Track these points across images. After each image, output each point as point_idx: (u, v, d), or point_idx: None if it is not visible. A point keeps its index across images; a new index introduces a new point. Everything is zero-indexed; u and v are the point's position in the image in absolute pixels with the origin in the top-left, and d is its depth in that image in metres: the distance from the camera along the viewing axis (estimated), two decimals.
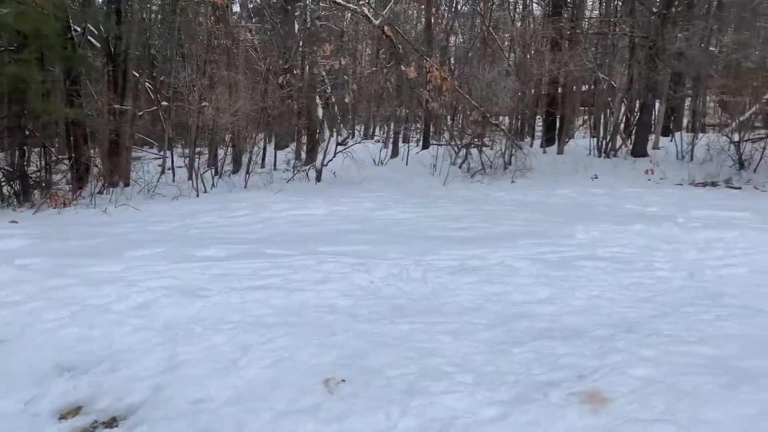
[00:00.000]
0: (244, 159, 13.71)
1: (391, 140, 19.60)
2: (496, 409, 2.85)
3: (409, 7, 25.55)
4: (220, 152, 14.80)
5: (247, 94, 13.02)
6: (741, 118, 14.12)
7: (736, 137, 13.44)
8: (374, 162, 15.93)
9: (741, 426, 2.57)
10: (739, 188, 11.61)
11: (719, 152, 13.40)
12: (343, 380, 3.14)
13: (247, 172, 12.80)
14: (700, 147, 14.25)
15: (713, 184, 11.98)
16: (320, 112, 16.08)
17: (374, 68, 21.45)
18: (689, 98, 19.84)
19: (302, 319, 4.05)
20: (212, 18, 15.98)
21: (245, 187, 12.18)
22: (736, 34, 16.93)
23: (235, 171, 14.26)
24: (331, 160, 13.44)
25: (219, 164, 13.89)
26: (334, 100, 18.26)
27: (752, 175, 12.56)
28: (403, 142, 18.82)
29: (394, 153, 17.77)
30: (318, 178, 13.13)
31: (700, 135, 15.46)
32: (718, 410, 2.69)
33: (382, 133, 26.00)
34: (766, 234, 6.69)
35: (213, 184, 12.35)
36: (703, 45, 15.56)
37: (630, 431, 2.60)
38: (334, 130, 16.21)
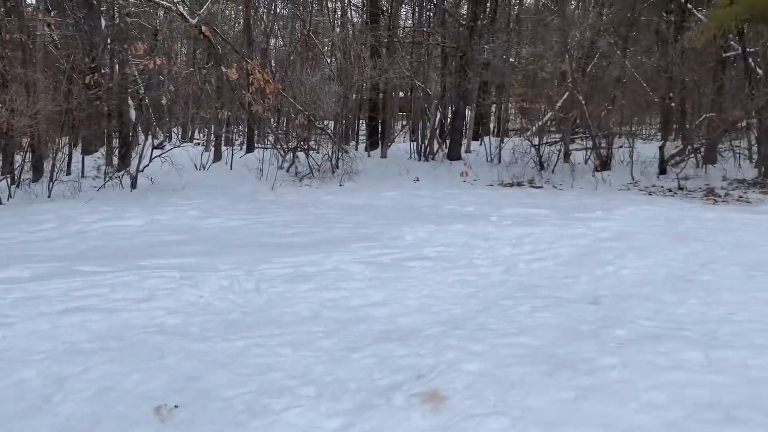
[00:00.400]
0: (47, 165, 12.36)
1: (213, 143, 18.89)
2: (340, 419, 2.83)
3: (227, 7, 24.83)
4: (18, 158, 13.20)
5: (48, 94, 11.75)
6: (539, 124, 15.65)
7: (536, 141, 14.88)
8: (196, 167, 15.21)
9: (563, 410, 2.81)
10: (541, 187, 12.83)
11: (522, 155, 14.72)
12: (176, 406, 2.94)
13: (51, 180, 11.55)
14: (506, 150, 15.54)
15: (519, 185, 13.11)
16: (133, 114, 15.00)
17: (192, 69, 20.54)
18: (495, 105, 21.62)
19: (126, 342, 3.73)
20: (2, 9, 14.21)
21: (49, 197, 11.01)
22: (533, 47, 18.81)
23: (36, 179, 12.79)
24: (147, 165, 12.59)
25: (16, 172, 12.37)
26: (148, 101, 17.16)
27: (551, 175, 13.97)
28: (225, 145, 18.22)
29: (217, 157, 17.13)
30: (133, 185, 12.23)
31: (506, 139, 16.88)
32: (542, 398, 2.92)
33: (202, 136, 24.99)
34: (565, 229, 7.50)
35: (10, 195, 10.99)
36: (505, 56, 17.04)
37: (467, 426, 2.73)
38: (150, 133, 15.22)
